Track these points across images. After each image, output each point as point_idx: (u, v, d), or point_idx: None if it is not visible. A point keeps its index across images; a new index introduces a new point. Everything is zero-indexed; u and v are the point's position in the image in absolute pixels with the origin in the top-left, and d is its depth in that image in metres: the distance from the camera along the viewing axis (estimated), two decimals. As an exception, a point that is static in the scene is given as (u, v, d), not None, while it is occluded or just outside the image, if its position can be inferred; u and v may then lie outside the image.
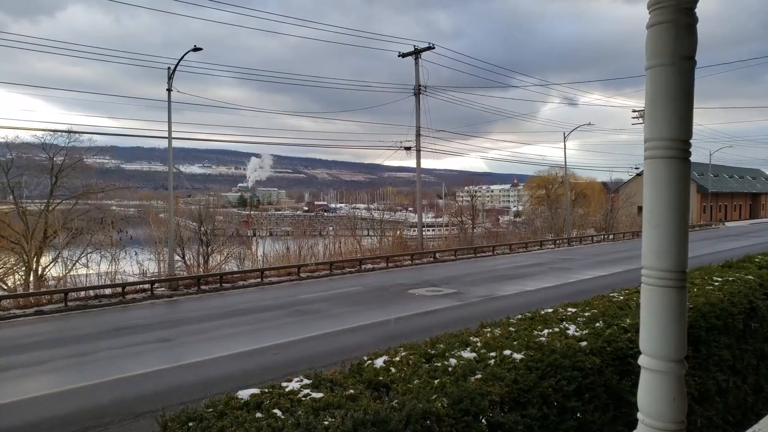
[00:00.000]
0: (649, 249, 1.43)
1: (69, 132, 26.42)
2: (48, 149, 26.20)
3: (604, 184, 61.88)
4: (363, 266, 26.16)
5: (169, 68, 22.32)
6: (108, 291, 19.61)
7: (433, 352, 3.50)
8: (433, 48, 30.98)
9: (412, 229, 38.23)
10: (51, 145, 26.22)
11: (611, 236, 42.93)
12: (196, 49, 21.89)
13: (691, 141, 1.40)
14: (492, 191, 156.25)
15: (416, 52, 31.13)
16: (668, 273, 1.40)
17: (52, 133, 26.40)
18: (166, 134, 22.33)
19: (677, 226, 1.40)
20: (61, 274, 23.51)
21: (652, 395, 1.43)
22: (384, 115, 37.73)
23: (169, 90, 22.20)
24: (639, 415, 1.48)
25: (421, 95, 31.31)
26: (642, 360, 1.45)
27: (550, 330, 3.95)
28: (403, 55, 31.56)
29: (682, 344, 1.41)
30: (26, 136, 27.70)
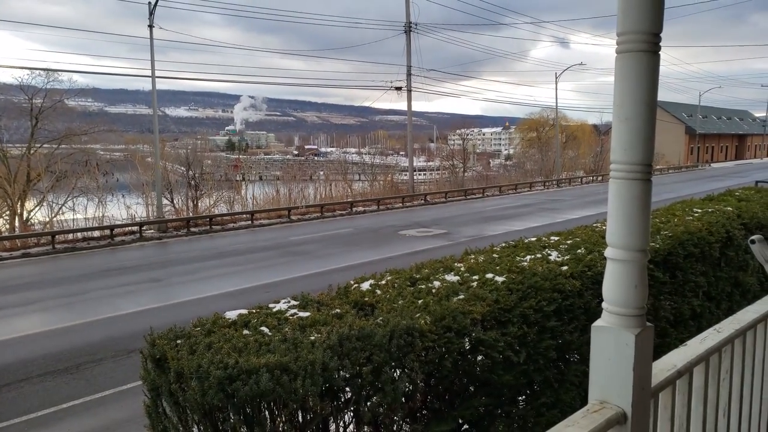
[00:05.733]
0: (618, 143, 1.45)
1: (47, 70, 25.50)
2: (27, 90, 25.36)
3: (595, 126, 61.49)
4: (354, 209, 26.24)
5: (149, 3, 21.29)
6: (96, 233, 19.58)
7: (417, 276, 3.56)
8: (424, -18, 29.72)
9: (404, 173, 38.12)
10: (29, 86, 25.38)
11: (600, 177, 43.20)
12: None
13: (661, 35, 1.40)
14: (484, 134, 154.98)
15: (406, -13, 29.85)
16: (636, 166, 1.43)
17: (30, 72, 25.47)
18: (149, 74, 21.59)
19: (646, 119, 1.41)
20: (47, 218, 23.35)
21: (616, 283, 1.49)
22: (374, 55, 36.69)
23: (150, 26, 21.26)
24: (603, 305, 1.54)
25: (411, 33, 30.33)
26: (608, 252, 1.50)
27: (533, 256, 4.02)
28: (393, -10, 30.28)
29: (646, 234, 1.46)
30: (4, 77, 26.75)
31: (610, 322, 1.52)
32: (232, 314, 2.89)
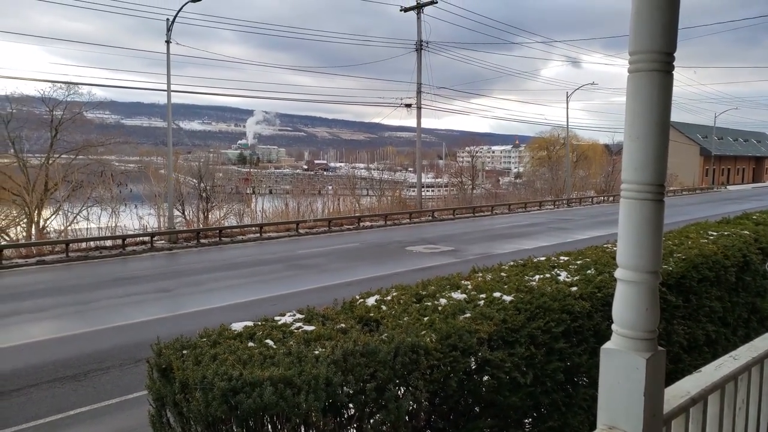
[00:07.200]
0: (629, 163, 1.44)
1: (68, 83, 26.12)
2: (48, 102, 25.95)
3: (606, 146, 61.26)
4: (361, 224, 26.26)
5: (167, 20, 21.79)
6: (108, 243, 19.77)
7: (423, 293, 3.55)
8: (436, 2, 30.09)
9: (412, 189, 38.19)
10: (50, 99, 25.98)
11: (611, 198, 42.90)
12: (195, 0, 21.29)
13: (674, 54, 1.40)
14: (493, 152, 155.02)
15: (418, 7, 30.26)
16: (647, 186, 1.42)
17: (51, 85, 26.10)
18: (165, 88, 21.99)
19: (657, 139, 1.41)
20: (62, 227, 23.65)
21: (626, 305, 1.47)
22: (385, 73, 37.11)
23: (168, 42, 21.75)
24: (613, 327, 1.51)
25: (422, 51, 30.64)
26: (618, 273, 1.48)
27: (542, 276, 3.99)
28: (405, 10, 30.67)
29: (658, 256, 1.44)
30: (27, 89, 27.47)
31: (620, 345, 1.49)
32: (237, 326, 2.89)
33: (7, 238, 22.71)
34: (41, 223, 23.99)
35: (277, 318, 3.02)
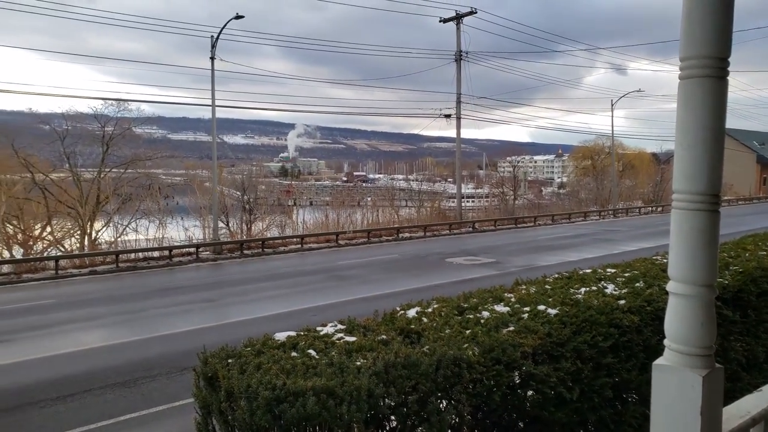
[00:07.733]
0: (681, 172, 1.39)
1: (119, 100, 27.47)
2: (100, 119, 27.32)
3: (654, 154, 59.08)
4: (400, 235, 26.26)
5: (212, 37, 22.65)
6: (156, 254, 20.51)
7: (465, 305, 3.51)
8: (476, 13, 30.05)
9: (451, 200, 37.95)
10: (102, 115, 27.34)
11: (660, 208, 41.32)
12: (238, 17, 22.07)
13: (729, 59, 1.34)
14: (535, 162, 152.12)
15: (458, 18, 30.29)
16: (700, 196, 1.35)
17: (103, 102, 27.50)
18: (210, 103, 22.80)
19: (711, 147, 1.34)
20: (112, 238, 24.72)
21: (680, 320, 1.40)
22: (424, 84, 37.19)
23: (212, 58, 22.57)
24: (666, 342, 1.45)
25: (462, 61, 30.58)
26: (670, 286, 1.42)
27: (588, 288, 3.88)
28: (445, 21, 30.75)
29: (713, 268, 1.37)
30: (81, 107, 28.97)
31: (674, 361, 1.43)
32: (281, 336, 2.94)
33: (63, 249, 23.91)
34: (93, 234, 25.15)
35: (319, 328, 3.05)
